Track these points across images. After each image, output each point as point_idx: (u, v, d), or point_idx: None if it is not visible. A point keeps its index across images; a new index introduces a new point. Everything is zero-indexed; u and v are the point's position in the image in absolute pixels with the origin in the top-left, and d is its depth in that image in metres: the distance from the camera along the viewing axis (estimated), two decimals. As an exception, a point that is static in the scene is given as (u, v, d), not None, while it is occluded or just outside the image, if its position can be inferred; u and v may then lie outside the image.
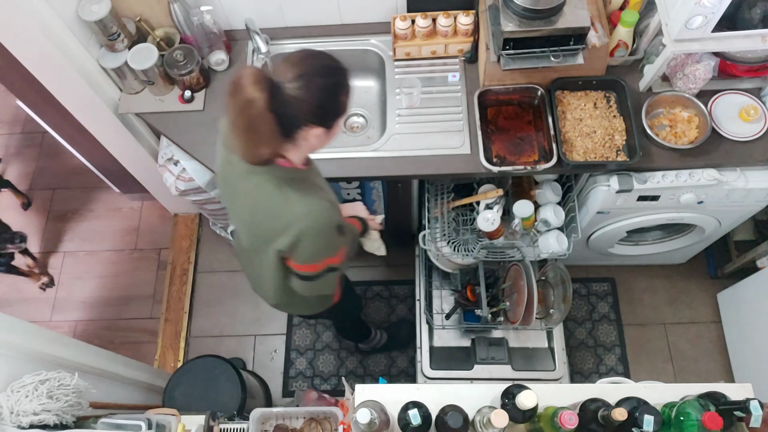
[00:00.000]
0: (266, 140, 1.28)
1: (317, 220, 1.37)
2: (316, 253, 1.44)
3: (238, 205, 1.51)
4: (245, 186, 1.42)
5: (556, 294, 2.18)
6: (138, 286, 3.00)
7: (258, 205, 1.41)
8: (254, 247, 1.57)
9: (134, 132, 2.30)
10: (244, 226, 1.56)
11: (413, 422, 1.31)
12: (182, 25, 2.07)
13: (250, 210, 1.45)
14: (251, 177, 1.38)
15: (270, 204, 1.38)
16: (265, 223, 1.42)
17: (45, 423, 1.40)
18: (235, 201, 1.53)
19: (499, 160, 1.99)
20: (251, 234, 1.55)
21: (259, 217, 1.43)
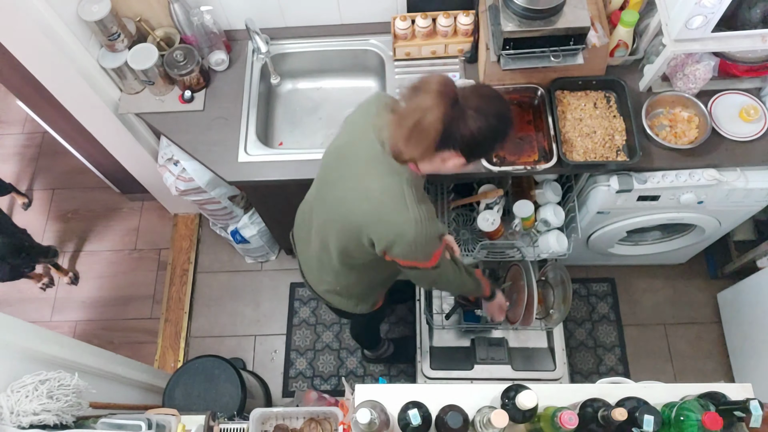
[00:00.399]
0: (422, 146, 1.30)
1: (425, 229, 1.39)
2: (420, 257, 1.46)
3: (342, 184, 1.47)
4: (364, 169, 1.41)
5: (556, 294, 2.18)
6: (138, 286, 3.00)
7: (370, 192, 1.40)
8: (334, 233, 1.54)
9: (134, 132, 2.30)
10: (337, 208, 1.50)
11: (413, 422, 1.31)
12: (182, 25, 2.07)
13: (357, 194, 1.42)
14: (376, 165, 1.39)
15: (385, 196, 1.38)
16: (368, 211, 1.41)
17: (45, 423, 1.40)
18: (337, 179, 1.49)
19: (499, 160, 1.99)
20: (342, 218, 1.49)
21: (365, 205, 1.41)
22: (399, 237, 1.39)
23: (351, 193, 1.44)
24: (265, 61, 2.19)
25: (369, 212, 1.41)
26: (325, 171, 1.57)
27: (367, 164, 1.41)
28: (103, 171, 2.94)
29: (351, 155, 1.47)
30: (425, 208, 1.40)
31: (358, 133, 1.47)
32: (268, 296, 2.90)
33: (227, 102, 2.14)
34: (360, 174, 1.43)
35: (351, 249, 1.54)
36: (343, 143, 1.52)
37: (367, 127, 1.43)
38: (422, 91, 1.26)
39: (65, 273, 2.97)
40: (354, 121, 1.52)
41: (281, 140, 2.24)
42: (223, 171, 2.02)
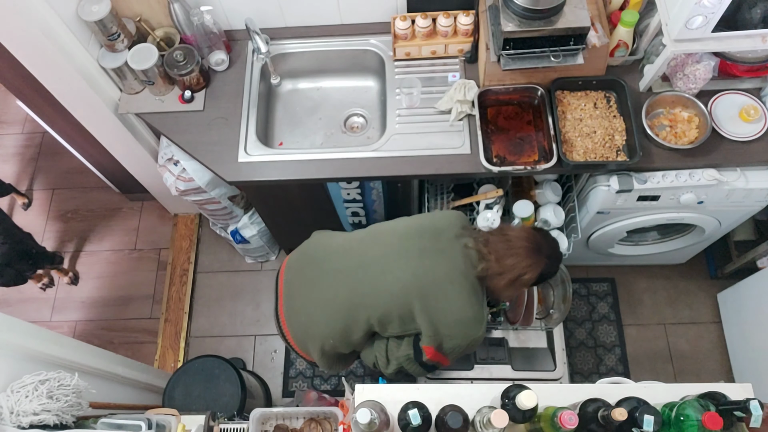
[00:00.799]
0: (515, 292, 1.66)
1: (475, 331, 1.56)
2: (451, 352, 1.59)
3: (407, 257, 1.57)
4: (454, 278, 1.54)
5: (556, 294, 2.18)
6: (138, 286, 3.00)
7: (438, 273, 1.54)
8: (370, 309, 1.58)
9: (134, 132, 2.30)
10: (390, 285, 1.56)
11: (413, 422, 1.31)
12: (182, 25, 2.07)
13: (422, 274, 1.54)
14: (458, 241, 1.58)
15: (454, 283, 1.54)
16: (427, 295, 1.53)
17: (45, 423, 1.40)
18: (404, 252, 1.58)
19: (499, 160, 1.99)
20: (393, 298, 1.56)
21: (430, 289, 1.53)
22: (450, 334, 1.55)
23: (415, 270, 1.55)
24: (265, 61, 2.19)
25: (425, 297, 1.53)
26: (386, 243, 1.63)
27: (456, 267, 1.54)
28: (103, 171, 2.94)
29: (435, 249, 1.57)
30: (484, 311, 1.58)
31: (442, 236, 1.60)
32: (268, 296, 2.90)
33: (227, 102, 2.14)
34: (436, 250, 1.56)
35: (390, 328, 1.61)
36: (420, 230, 1.62)
37: (454, 238, 1.59)
38: (513, 247, 1.53)
39: (65, 273, 2.97)
40: (438, 225, 1.63)
41: (281, 140, 2.24)
42: (223, 171, 2.02)
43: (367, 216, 2.45)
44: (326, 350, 1.68)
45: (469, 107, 2.01)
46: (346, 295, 1.60)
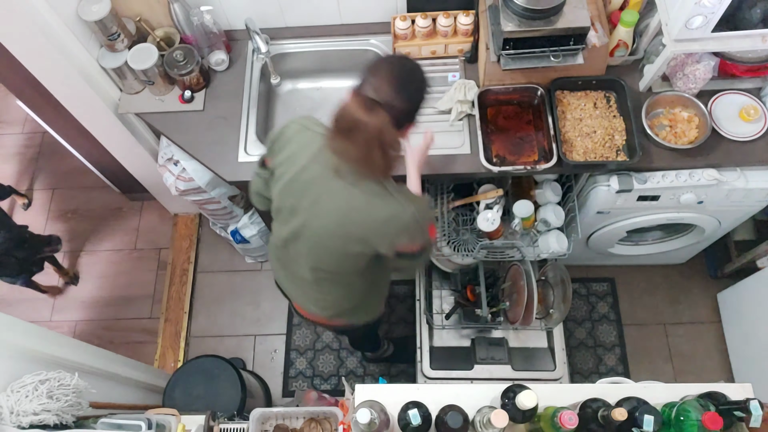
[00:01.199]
0: (396, 147, 1.37)
1: (418, 202, 1.48)
2: (423, 234, 1.50)
3: (321, 206, 1.47)
4: (336, 184, 1.42)
5: (556, 294, 2.19)
6: (138, 286, 3.00)
7: (357, 202, 1.42)
8: (332, 253, 1.54)
9: (134, 132, 2.30)
10: (326, 229, 1.50)
11: (413, 422, 1.31)
12: (182, 25, 2.07)
13: (342, 209, 1.44)
14: (346, 175, 1.41)
15: (373, 200, 1.42)
16: (364, 220, 1.44)
17: (45, 423, 1.40)
18: (314, 203, 1.48)
19: (499, 160, 1.99)
20: (337, 234, 1.49)
21: (355, 215, 1.44)
22: (405, 224, 1.43)
23: (335, 213, 1.46)
24: (265, 61, 2.19)
25: (362, 221, 1.44)
26: (295, 203, 1.54)
27: (333, 178, 1.42)
28: (103, 171, 2.94)
29: (318, 180, 1.46)
30: (404, 189, 1.49)
31: (310, 161, 1.47)
32: (268, 296, 2.90)
33: (227, 102, 2.14)
34: (332, 190, 1.44)
35: (355, 261, 1.55)
36: (301, 174, 1.49)
37: (319, 154, 1.44)
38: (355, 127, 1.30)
39: (65, 273, 2.97)
40: (296, 152, 1.50)
41: (281, 140, 2.24)
42: (223, 171, 2.02)
43: (367, 216, 2.45)
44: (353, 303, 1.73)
45: (469, 107, 2.01)
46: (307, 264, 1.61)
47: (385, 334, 2.72)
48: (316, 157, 1.45)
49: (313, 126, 1.50)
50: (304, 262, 1.62)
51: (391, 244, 1.47)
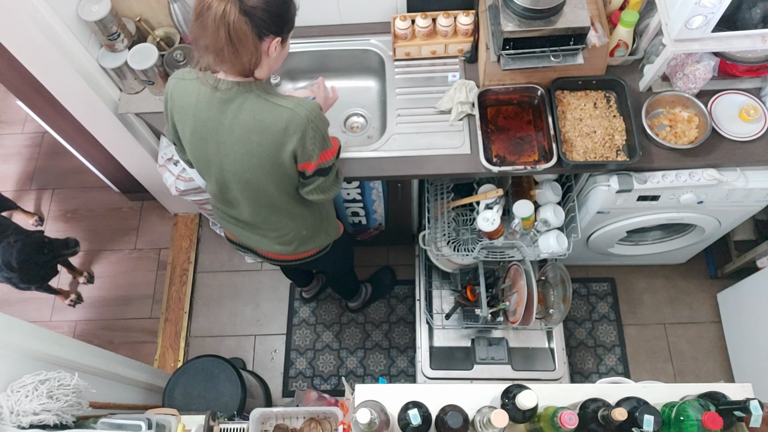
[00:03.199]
0: (248, 46, 1.35)
1: (309, 104, 1.45)
2: (325, 137, 1.50)
3: (225, 144, 1.50)
4: (226, 118, 1.45)
5: (556, 294, 2.19)
6: (138, 286, 3.00)
7: (248, 125, 1.44)
8: (259, 179, 1.55)
9: (134, 132, 2.30)
10: (241, 163, 1.51)
11: (413, 422, 1.31)
12: (182, 25, 2.07)
13: (242, 137, 1.46)
14: (230, 105, 1.44)
15: (263, 116, 1.43)
16: (263, 139, 1.45)
17: (45, 423, 1.40)
18: (219, 145, 1.51)
19: (499, 160, 1.99)
20: (252, 163, 1.51)
21: (255, 137, 1.45)
22: (301, 130, 1.43)
23: (239, 145, 1.48)
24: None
25: (263, 139, 1.46)
26: (205, 154, 1.56)
27: (221, 116, 1.45)
28: (103, 171, 2.94)
29: (205, 127, 1.49)
30: (293, 96, 1.48)
31: (188, 111, 1.50)
32: (268, 296, 2.91)
33: (227, 102, 2.13)
34: (227, 127, 1.47)
35: (285, 183, 1.57)
36: (190, 127, 1.52)
37: (199, 97, 1.47)
38: (206, 8, 1.30)
39: (79, 273, 2.97)
40: (175, 112, 1.54)
41: (281, 140, 2.24)
42: (223, 171, 2.02)
43: (367, 216, 2.45)
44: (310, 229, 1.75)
45: (470, 107, 2.01)
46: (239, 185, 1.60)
47: (361, 279, 2.79)
48: (198, 101, 1.47)
49: (187, 75, 1.51)
50: (245, 206, 1.65)
51: (300, 154, 1.48)
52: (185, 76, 1.51)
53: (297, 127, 1.43)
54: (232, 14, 1.29)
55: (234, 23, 1.29)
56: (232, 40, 1.32)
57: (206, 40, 1.34)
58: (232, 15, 1.29)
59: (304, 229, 1.78)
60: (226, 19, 1.29)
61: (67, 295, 2.93)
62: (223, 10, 1.28)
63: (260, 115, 1.43)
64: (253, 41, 1.34)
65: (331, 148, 1.54)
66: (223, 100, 1.44)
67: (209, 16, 1.30)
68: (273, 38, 1.38)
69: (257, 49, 1.37)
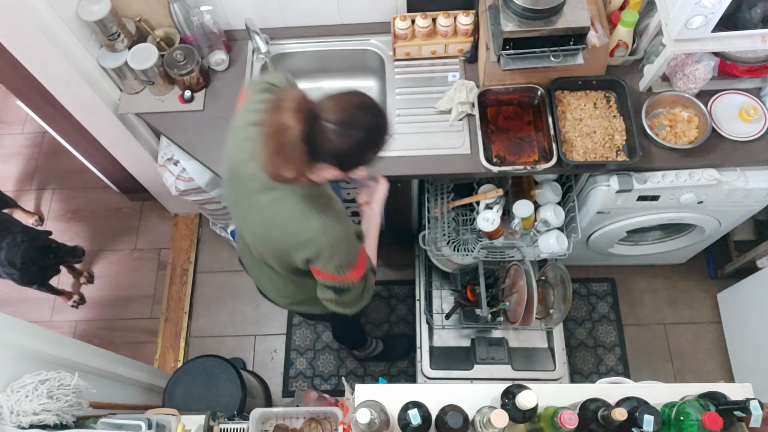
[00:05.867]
0: (293, 165, 1.27)
1: (335, 232, 1.38)
2: (340, 265, 1.42)
3: (250, 216, 1.48)
4: (260, 199, 1.40)
5: (556, 294, 2.19)
6: (138, 286, 3.00)
7: (274, 221, 1.41)
8: (267, 256, 1.54)
9: (134, 132, 2.30)
10: (255, 237, 1.52)
11: (413, 422, 1.31)
12: (182, 25, 2.07)
13: (265, 224, 1.43)
14: (268, 192, 1.38)
15: (288, 220, 1.38)
16: (281, 238, 1.42)
17: (45, 423, 1.40)
18: (245, 210, 1.49)
19: (499, 160, 1.99)
20: (264, 245, 1.51)
21: (275, 232, 1.42)
22: (317, 251, 1.38)
23: (259, 226, 1.46)
24: (265, 61, 2.19)
25: (281, 239, 1.42)
26: (231, 205, 1.58)
27: (257, 194, 1.40)
28: (103, 171, 2.94)
29: (242, 188, 1.45)
30: (330, 213, 1.39)
31: (238, 161, 1.44)
32: (268, 296, 2.90)
33: (227, 102, 2.14)
34: (257, 206, 1.42)
35: (290, 266, 1.51)
36: (232, 175, 1.49)
37: (240, 151, 1.42)
38: (276, 111, 1.23)
39: (80, 274, 2.97)
40: (230, 150, 1.47)
41: (281, 140, 2.24)
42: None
43: (367, 216, 2.45)
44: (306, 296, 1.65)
45: (470, 107, 2.01)
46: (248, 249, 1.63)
47: (372, 332, 2.73)
48: (244, 165, 1.41)
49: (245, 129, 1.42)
50: (255, 255, 1.65)
51: (313, 263, 1.42)
52: (244, 130, 1.42)
53: (314, 248, 1.38)
54: (291, 135, 1.21)
55: (289, 143, 1.22)
56: (280, 152, 1.24)
57: (265, 135, 1.26)
58: (290, 135, 1.21)
59: (301, 295, 1.72)
60: (283, 136, 1.22)
61: (70, 296, 2.93)
62: (285, 126, 1.21)
63: (288, 219, 1.38)
64: (302, 162, 1.26)
65: (345, 275, 1.43)
66: (265, 185, 1.36)
67: (274, 119, 1.23)
68: (333, 169, 1.30)
69: (308, 168, 1.29)
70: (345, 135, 1.23)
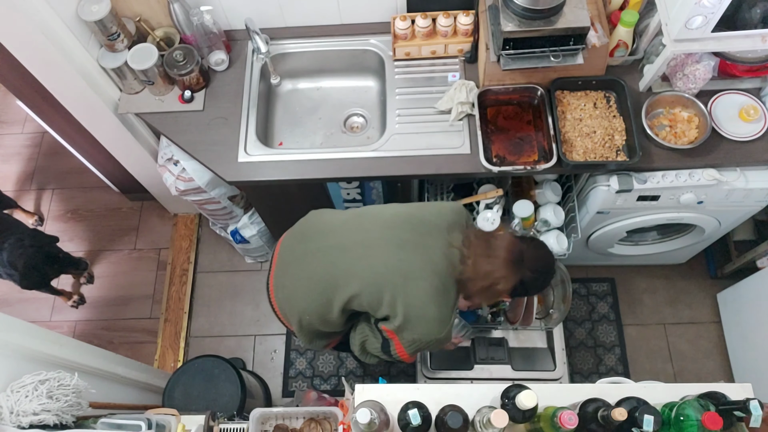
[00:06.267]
0: (488, 300, 1.66)
1: (441, 330, 1.54)
2: (410, 342, 1.58)
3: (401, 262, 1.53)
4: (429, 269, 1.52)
5: (556, 294, 2.18)
6: (137, 286, 3.00)
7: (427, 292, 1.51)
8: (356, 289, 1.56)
9: (134, 132, 2.30)
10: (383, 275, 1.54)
11: (413, 422, 1.31)
12: (182, 25, 2.07)
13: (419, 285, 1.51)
14: (440, 276, 1.52)
15: (424, 290, 1.51)
16: (415, 305, 1.51)
17: (45, 423, 1.40)
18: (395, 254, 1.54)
19: (499, 160, 1.99)
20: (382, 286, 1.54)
21: (418, 294, 1.51)
22: (425, 331, 1.53)
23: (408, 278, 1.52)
24: (264, 61, 2.19)
25: (415, 305, 1.51)
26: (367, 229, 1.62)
27: (432, 265, 1.52)
28: (103, 171, 2.94)
29: (415, 242, 1.54)
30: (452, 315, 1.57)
31: (427, 230, 1.57)
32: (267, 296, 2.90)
33: (227, 102, 2.14)
34: (422, 266, 1.52)
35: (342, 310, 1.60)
36: (406, 221, 1.59)
37: (441, 234, 1.56)
38: (493, 255, 1.49)
39: (80, 274, 2.98)
40: (428, 218, 1.60)
41: (281, 140, 2.24)
42: (223, 171, 2.02)
43: (367, 216, 2.45)
44: (303, 325, 1.70)
45: (470, 107, 2.01)
46: (321, 274, 1.61)
47: None
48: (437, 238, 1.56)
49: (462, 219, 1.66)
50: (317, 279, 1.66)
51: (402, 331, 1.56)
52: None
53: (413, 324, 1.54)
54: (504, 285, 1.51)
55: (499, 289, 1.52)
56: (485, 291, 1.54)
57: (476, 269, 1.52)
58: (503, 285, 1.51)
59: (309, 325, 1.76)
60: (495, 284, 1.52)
61: (70, 296, 2.93)
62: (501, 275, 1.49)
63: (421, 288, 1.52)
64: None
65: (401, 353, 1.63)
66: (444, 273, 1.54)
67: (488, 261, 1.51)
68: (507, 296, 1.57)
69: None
70: (537, 279, 1.54)
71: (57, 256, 2.61)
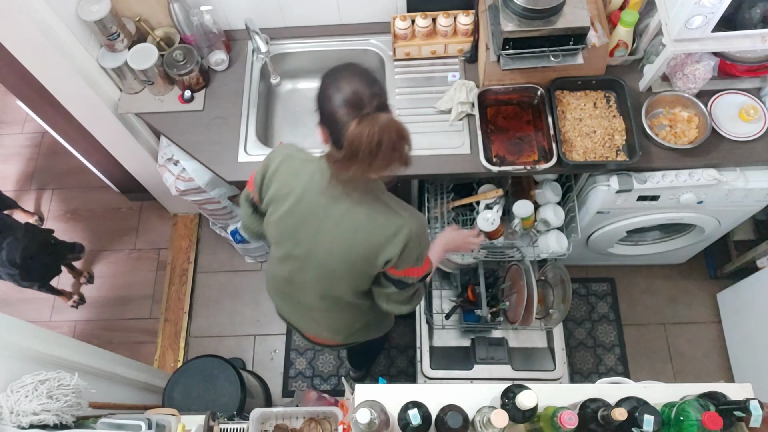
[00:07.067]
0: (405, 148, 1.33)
1: (420, 219, 1.44)
2: (419, 256, 1.47)
3: (324, 236, 1.45)
4: (337, 210, 1.40)
5: (556, 294, 2.18)
6: (137, 286, 3.00)
7: (359, 223, 1.40)
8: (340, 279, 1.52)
9: (134, 132, 2.30)
10: (332, 257, 1.47)
11: (413, 422, 1.31)
12: (182, 25, 2.07)
13: (346, 232, 1.42)
14: (345, 198, 1.38)
15: (374, 215, 1.40)
16: (367, 239, 1.41)
17: (45, 423, 1.40)
18: (316, 232, 1.45)
19: (499, 160, 1.99)
20: (343, 263, 1.47)
21: (360, 235, 1.41)
22: (407, 239, 1.39)
23: (338, 242, 1.43)
24: (264, 61, 2.19)
25: (367, 241, 1.41)
26: (295, 234, 1.50)
27: (332, 207, 1.40)
28: (103, 171, 2.94)
29: (312, 211, 1.44)
30: (408, 205, 1.44)
31: (304, 190, 1.44)
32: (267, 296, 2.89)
33: (227, 102, 2.14)
34: (335, 219, 1.41)
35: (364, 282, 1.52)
36: (296, 206, 1.46)
37: (311, 182, 1.42)
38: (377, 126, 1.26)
39: (80, 274, 2.97)
40: (287, 182, 1.47)
41: (281, 140, 2.24)
42: (223, 171, 2.02)
43: (366, 216, 2.45)
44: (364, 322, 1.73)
45: (470, 107, 2.01)
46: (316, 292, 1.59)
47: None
48: (308, 185, 1.43)
49: (297, 153, 1.49)
50: (313, 291, 1.61)
51: (394, 261, 1.44)
52: (296, 155, 1.48)
53: (404, 237, 1.39)
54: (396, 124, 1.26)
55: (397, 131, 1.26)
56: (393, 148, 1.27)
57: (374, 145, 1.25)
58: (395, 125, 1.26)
59: (359, 323, 1.75)
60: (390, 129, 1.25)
61: (70, 296, 2.93)
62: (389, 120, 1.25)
63: (375, 213, 1.39)
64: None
65: (419, 267, 1.49)
66: (340, 193, 1.38)
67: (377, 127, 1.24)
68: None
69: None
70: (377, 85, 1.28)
71: (51, 243, 2.61)
